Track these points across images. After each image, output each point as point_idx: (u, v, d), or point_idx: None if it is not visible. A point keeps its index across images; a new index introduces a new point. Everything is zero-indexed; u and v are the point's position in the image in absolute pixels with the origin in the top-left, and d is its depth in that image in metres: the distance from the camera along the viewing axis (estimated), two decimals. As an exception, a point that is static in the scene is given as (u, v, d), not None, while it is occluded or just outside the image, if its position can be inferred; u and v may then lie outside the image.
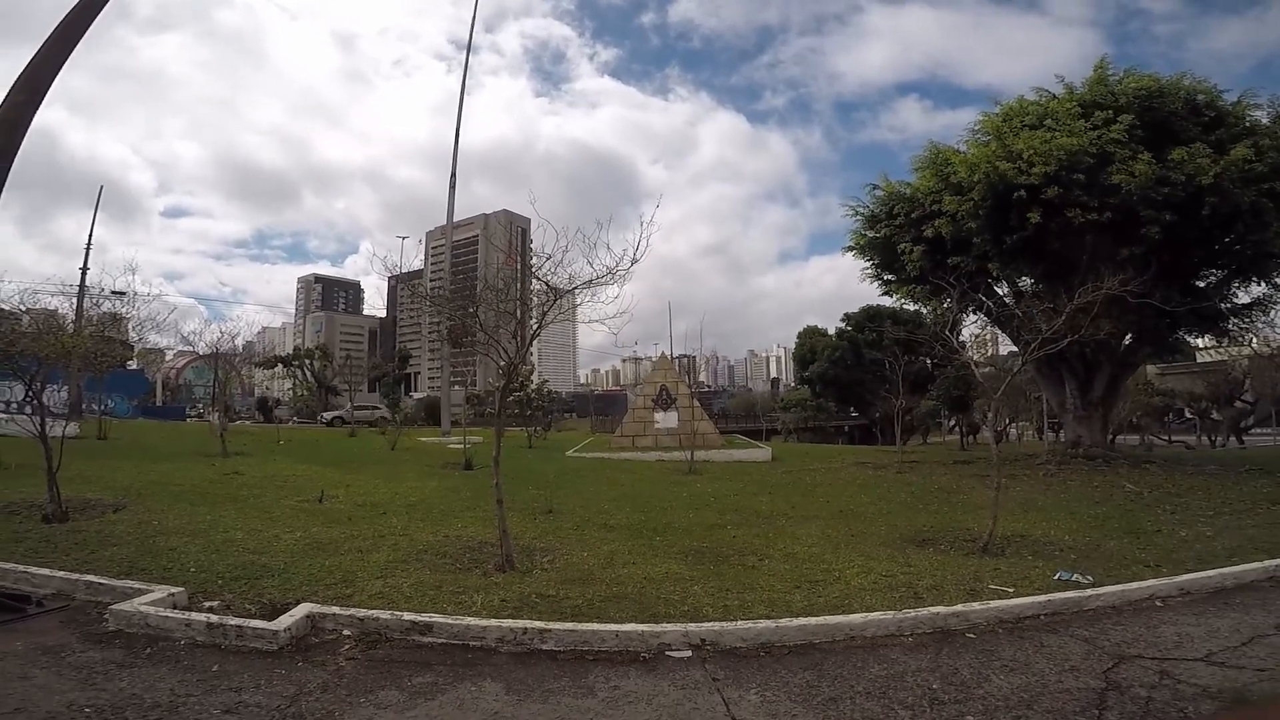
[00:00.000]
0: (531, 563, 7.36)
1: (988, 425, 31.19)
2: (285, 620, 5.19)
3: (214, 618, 5.21)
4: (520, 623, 5.30)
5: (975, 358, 15.67)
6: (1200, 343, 19.97)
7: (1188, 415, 53.22)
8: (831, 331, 48.35)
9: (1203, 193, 13.65)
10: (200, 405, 58.72)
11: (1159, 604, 5.96)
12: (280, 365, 47.25)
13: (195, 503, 10.50)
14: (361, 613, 5.44)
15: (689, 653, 5.03)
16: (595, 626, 5.29)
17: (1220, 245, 15.06)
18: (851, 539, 8.88)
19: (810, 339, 46.75)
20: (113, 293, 27.36)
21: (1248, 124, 15.25)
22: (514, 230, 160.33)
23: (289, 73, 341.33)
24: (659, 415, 22.51)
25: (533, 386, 28.61)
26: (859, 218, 19.46)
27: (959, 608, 5.67)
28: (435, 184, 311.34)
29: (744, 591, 6.34)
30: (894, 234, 18.10)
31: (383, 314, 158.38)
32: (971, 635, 5.34)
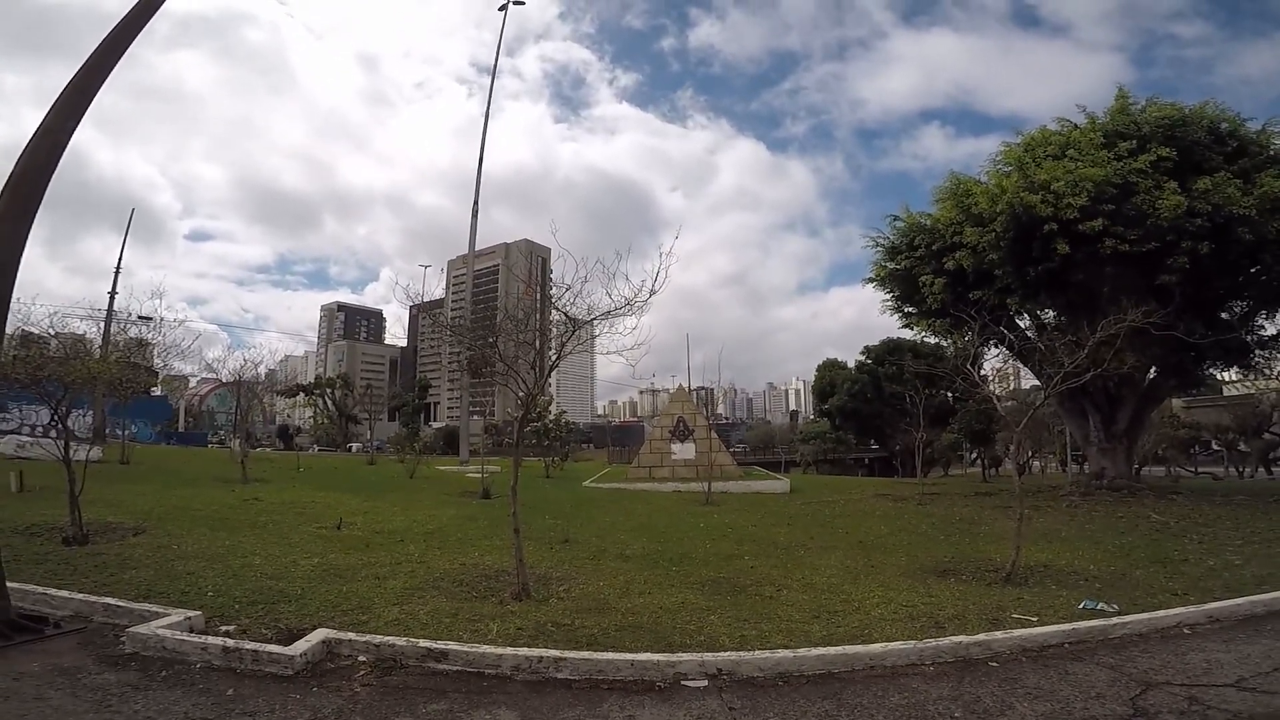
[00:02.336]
0: (548, 591, 7.31)
1: (1010, 458, 30.86)
2: (301, 645, 5.17)
3: (230, 641, 5.20)
4: (536, 651, 5.25)
5: (997, 391, 15.48)
6: (1227, 376, 19.63)
7: (1214, 447, 52.40)
8: (851, 364, 48.23)
9: (1233, 223, 13.56)
10: (222, 432, 59.31)
11: (1187, 631, 5.87)
12: (302, 394, 47.61)
13: (215, 528, 10.55)
14: (377, 639, 5.41)
15: (705, 682, 4.96)
16: (611, 656, 5.23)
17: (1246, 276, 14.88)
18: (871, 569, 8.77)
19: (830, 372, 46.59)
20: (140, 318, 27.74)
21: (1273, 152, 15.15)
22: (534, 260, 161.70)
23: (312, 93, 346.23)
24: (676, 446, 22.43)
25: (550, 417, 28.60)
26: (879, 249, 19.49)
27: (981, 636, 5.58)
28: (456, 210, 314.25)
29: (761, 621, 6.26)
30: (915, 266, 18.05)
31: (404, 343, 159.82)
32: (994, 664, 5.25)
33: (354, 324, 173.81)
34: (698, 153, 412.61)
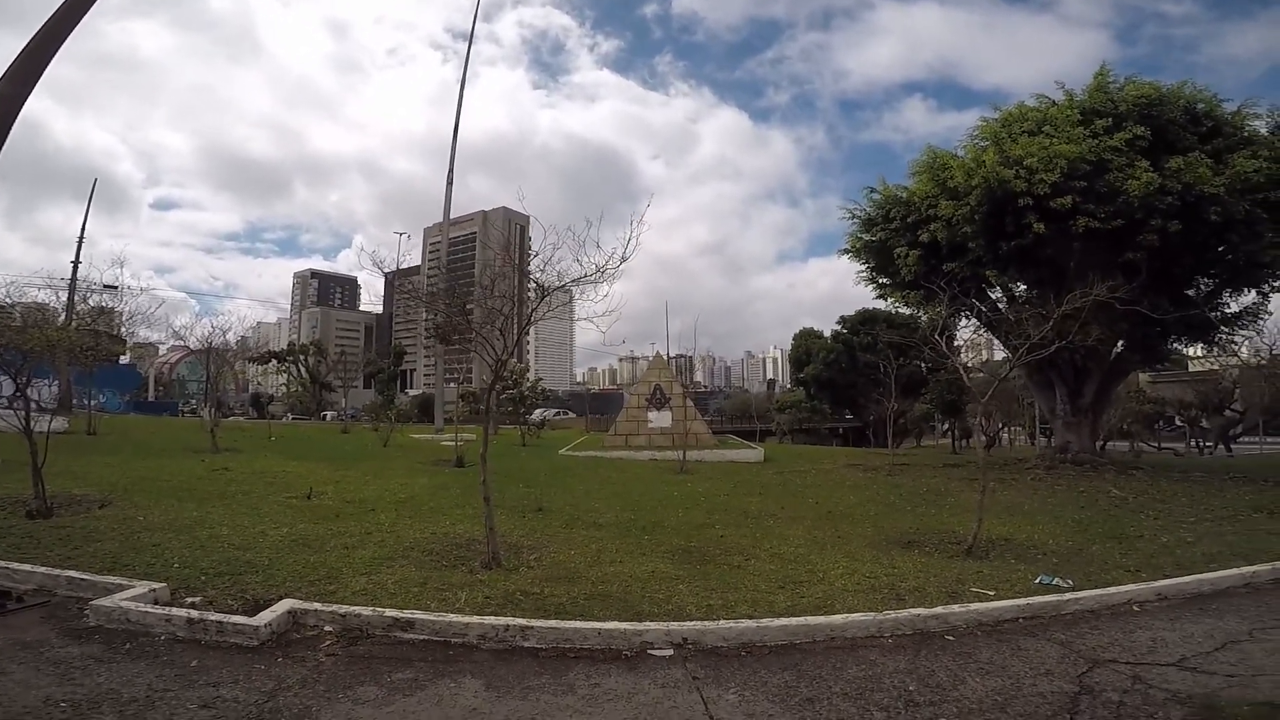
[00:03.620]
0: (518, 560, 7.39)
1: (977, 429, 31.28)
2: (266, 616, 5.23)
3: (194, 613, 5.25)
4: (502, 620, 5.35)
5: (967, 362, 15.65)
6: (1191, 352, 19.95)
7: (1178, 423, 53.46)
8: (827, 334, 48.48)
9: (1203, 202, 13.71)
10: (193, 401, 58.63)
11: (1136, 609, 6.02)
12: (274, 361, 47.07)
13: (182, 499, 10.48)
14: (343, 609, 5.49)
15: (671, 651, 5.10)
16: (578, 624, 5.35)
17: (1213, 254, 15.09)
18: (838, 540, 8.91)
19: (805, 341, 46.73)
20: (105, 286, 27.23)
21: (1246, 134, 15.31)
22: (512, 228, 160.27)
23: (280, 61, 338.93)
24: (652, 415, 22.50)
25: (526, 385, 28.56)
26: (855, 220, 19.52)
27: (939, 610, 5.75)
28: (431, 177, 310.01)
29: (728, 591, 6.39)
30: (890, 238, 18.14)
31: (379, 310, 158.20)
32: (950, 637, 5.40)
33: (328, 291, 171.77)
34: (679, 121, 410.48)
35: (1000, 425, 45.74)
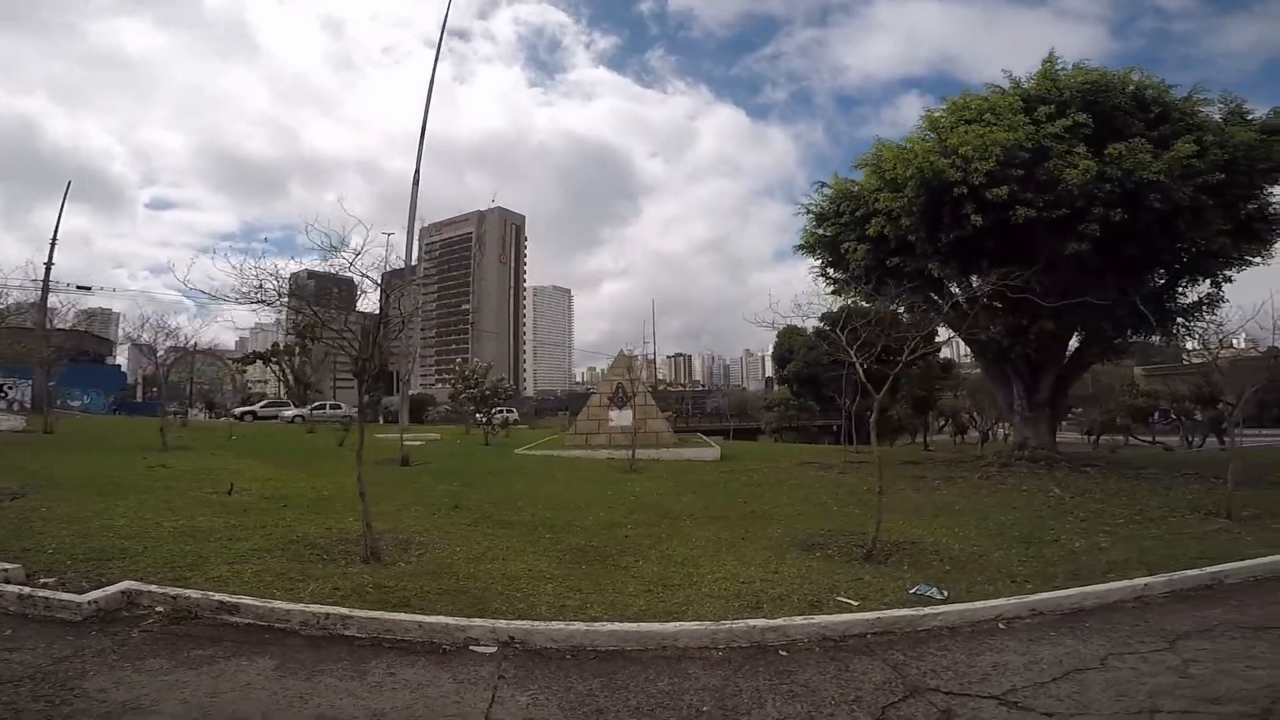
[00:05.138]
0: (400, 556, 7.43)
1: (870, 426, 30.74)
2: (94, 594, 5.50)
3: (25, 589, 5.53)
4: (324, 608, 5.44)
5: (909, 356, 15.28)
6: (1155, 341, 19.27)
7: (1172, 416, 53.12)
8: (810, 330, 47.75)
9: (1143, 189, 13.33)
10: (182, 402, 58.49)
11: (1002, 626, 5.58)
12: (260, 361, 46.94)
13: (103, 493, 10.65)
14: (174, 591, 5.70)
15: (494, 649, 5.05)
16: (400, 616, 5.34)
17: (1160, 243, 14.65)
18: (743, 542, 8.71)
19: (789, 338, 46.05)
20: (78, 288, 27.17)
21: (1197, 120, 14.90)
22: (508, 228, 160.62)
23: (276, 59, 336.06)
24: (613, 413, 22.30)
25: (487, 385, 28.35)
26: (810, 215, 19.24)
27: (779, 622, 5.44)
28: (429, 174, 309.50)
29: (593, 592, 6.27)
30: (840, 232, 17.85)
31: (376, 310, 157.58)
32: (784, 652, 5.12)
33: (325, 292, 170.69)
34: (678, 118, 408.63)
35: (994, 420, 45.54)
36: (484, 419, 27.04)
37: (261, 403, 42.65)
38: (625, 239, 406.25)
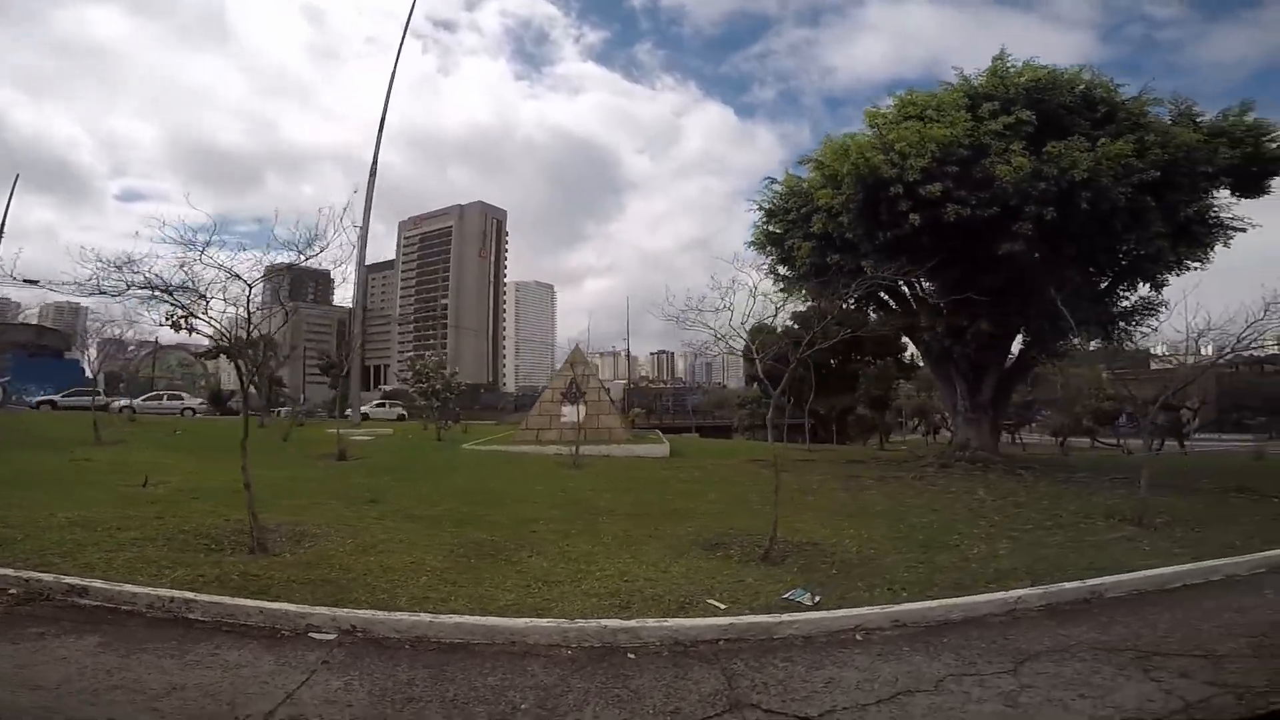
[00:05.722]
0: (288, 547, 7.46)
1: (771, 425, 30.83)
2: None
3: None
4: (170, 592, 5.59)
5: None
6: (1098, 345, 19.14)
7: (1137, 419, 53.36)
8: (779, 329, 47.68)
9: (1076, 187, 13.20)
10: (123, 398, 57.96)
11: (859, 637, 5.34)
12: (223, 355, 46.09)
13: (12, 487, 10.66)
14: (29, 574, 5.89)
15: (334, 636, 5.10)
16: (245, 602, 5.44)
17: (1099, 244, 14.52)
18: (650, 539, 8.58)
19: (758, 336, 45.99)
20: (25, 281, 26.67)
21: (1145, 120, 14.78)
22: (489, 222, 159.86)
23: (254, 49, 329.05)
24: (565, 409, 22.09)
25: (440, 380, 28.04)
26: (760, 212, 19.11)
27: (633, 624, 5.30)
28: (410, 168, 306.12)
29: (467, 586, 6.22)
30: (789, 230, 17.75)
31: (351, 305, 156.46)
32: (632, 655, 4.99)
33: (301, 285, 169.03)
34: (665, 115, 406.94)
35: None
36: (437, 414, 26.75)
37: (142, 396, 41.90)
38: (610, 235, 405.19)
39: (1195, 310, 11.75)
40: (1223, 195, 15.43)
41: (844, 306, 19.72)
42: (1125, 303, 17.03)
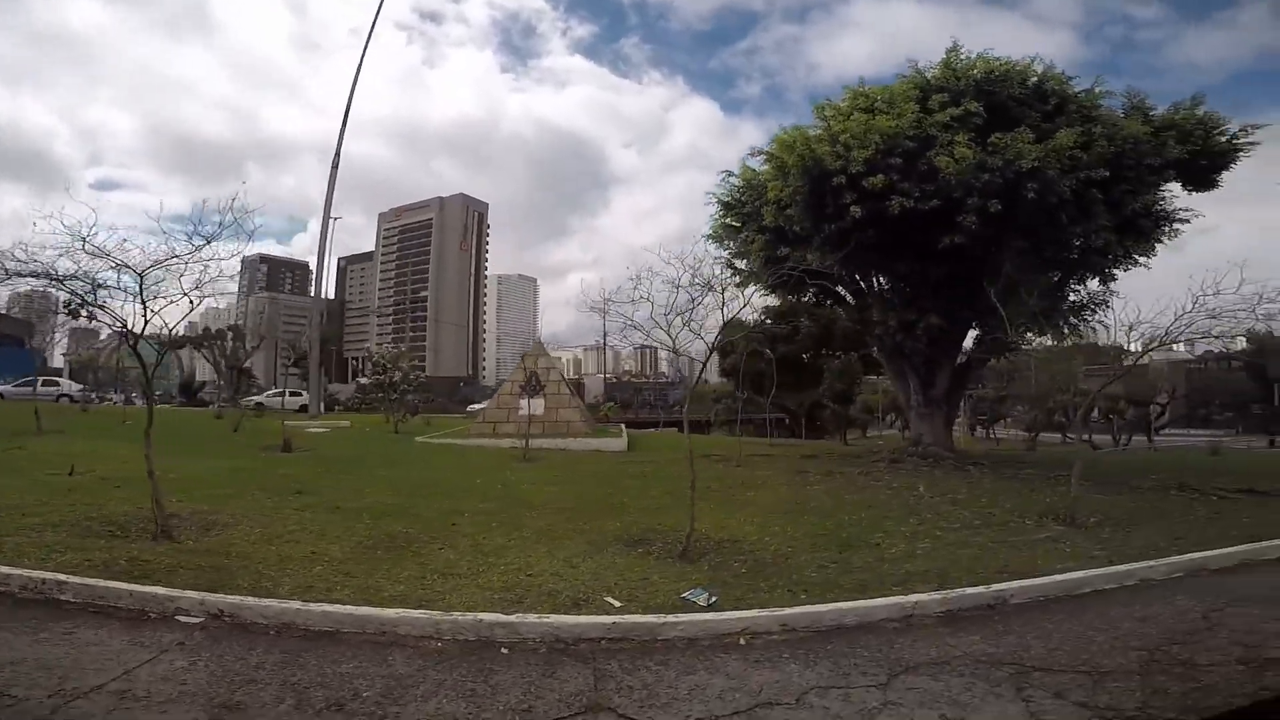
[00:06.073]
0: (194, 535, 7.47)
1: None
2: None
3: None
4: (41, 573, 5.68)
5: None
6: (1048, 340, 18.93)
7: (1109, 416, 53.82)
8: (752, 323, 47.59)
9: (1022, 179, 13.04)
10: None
11: (742, 641, 5.16)
12: (189, 345, 45.65)
13: None
14: None
15: (202, 619, 5.17)
16: (116, 585, 5.51)
17: (1046, 237, 14.38)
18: (573, 534, 8.48)
19: (732, 331, 45.86)
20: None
21: (1096, 113, 14.69)
22: (470, 214, 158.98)
23: (235, 40, 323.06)
24: (524, 402, 21.88)
25: (397, 372, 27.76)
26: (718, 205, 18.95)
27: (512, 619, 5.20)
28: (393, 160, 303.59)
29: (361, 576, 6.22)
30: (744, 223, 17.62)
31: (331, 295, 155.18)
32: (505, 650, 4.91)
33: (278, 276, 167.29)
34: (653, 109, 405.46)
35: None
36: (395, 406, 26.48)
37: (15, 381, 41.34)
38: (595, 229, 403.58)
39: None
40: (1174, 189, 15.45)
41: (795, 301, 19.68)
42: (1075, 297, 17.00)
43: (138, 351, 8.21)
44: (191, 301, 8.24)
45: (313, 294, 46.79)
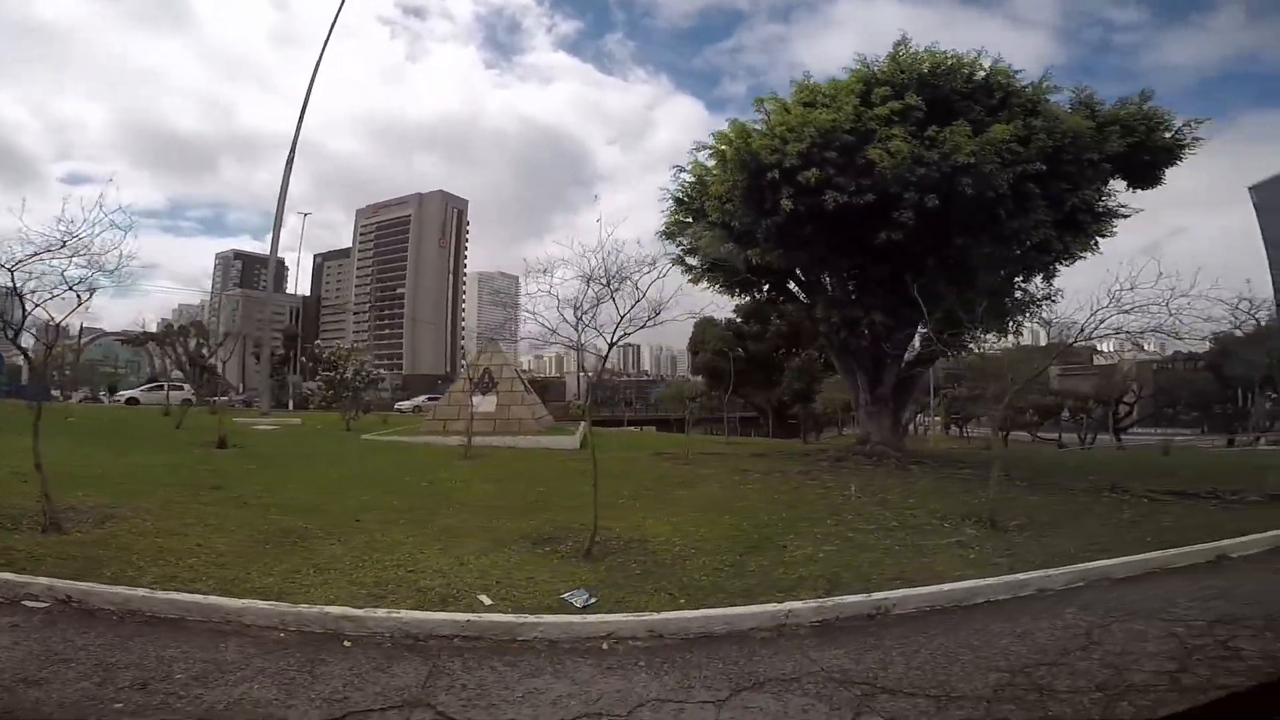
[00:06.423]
0: (85, 528, 7.43)
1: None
2: None
3: None
4: None
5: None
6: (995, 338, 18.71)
7: (1079, 415, 54.39)
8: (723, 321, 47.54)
9: (957, 173, 12.84)
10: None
11: (605, 646, 4.98)
12: (152, 343, 44.97)
13: None
14: None
15: (48, 604, 5.18)
16: None
17: (986, 234, 14.00)
18: (479, 532, 8.35)
19: (703, 328, 45.95)
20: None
21: (1042, 108, 14.52)
22: (450, 211, 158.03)
23: (214, 33, 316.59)
24: (476, 399, 21.60)
25: (349, 368, 27.41)
26: (671, 201, 18.74)
27: (360, 612, 5.11)
28: (373, 156, 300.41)
29: (235, 568, 6.20)
30: (695, 218, 17.43)
31: (306, 293, 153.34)
32: (348, 643, 4.81)
33: (252, 272, 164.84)
34: (637, 107, 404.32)
35: (914, 411, 46.09)
36: (348, 403, 26.15)
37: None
38: (578, 226, 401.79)
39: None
40: (1119, 188, 15.45)
41: (758, 299, 19.48)
42: (1022, 294, 16.91)
43: (22, 348, 8.01)
44: (79, 297, 8.04)
45: (268, 289, 46.19)
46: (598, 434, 30.09)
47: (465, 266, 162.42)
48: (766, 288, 18.90)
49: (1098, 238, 15.45)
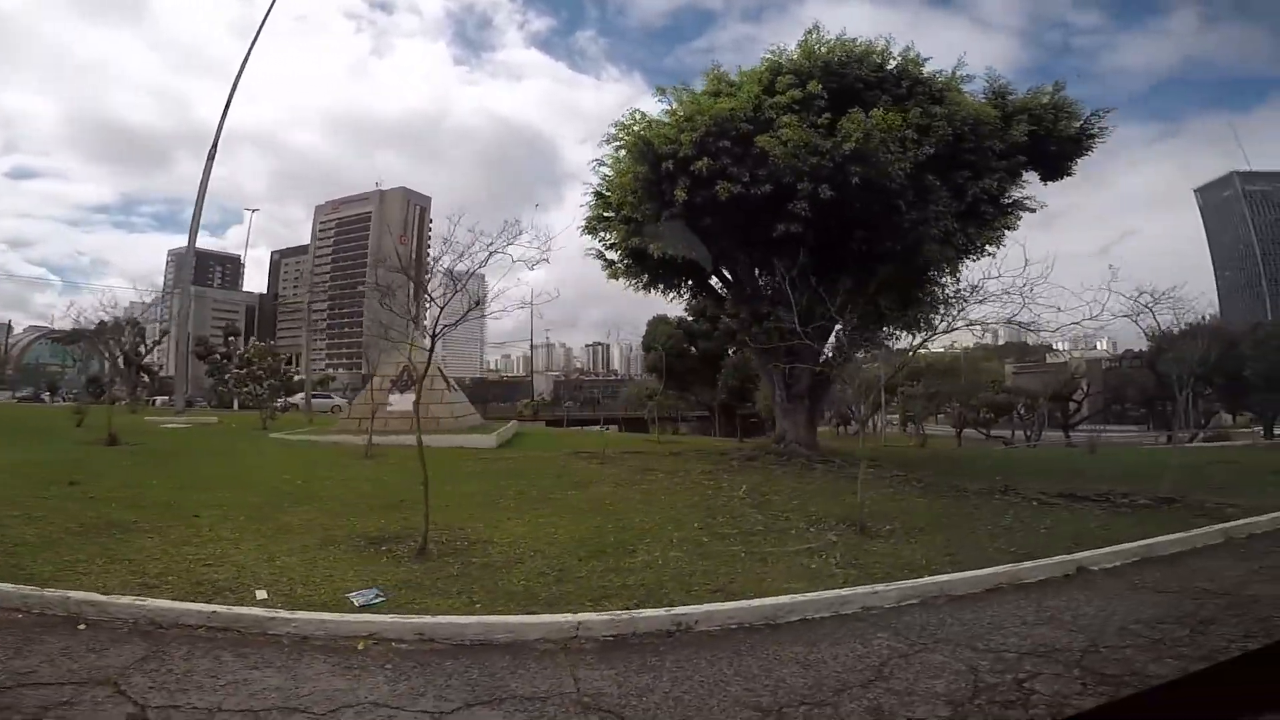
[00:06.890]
0: None
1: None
2: None
3: None
4: None
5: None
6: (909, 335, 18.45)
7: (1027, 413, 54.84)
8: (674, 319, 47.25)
9: (847, 162, 12.55)
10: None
11: (360, 647, 4.78)
12: (85, 341, 43.36)
13: None
14: None
15: None
16: None
17: (885, 224, 13.65)
18: (313, 529, 8.08)
19: (656, 327, 45.68)
20: None
21: (948, 95, 14.31)
22: (411, 208, 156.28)
23: (170, 24, 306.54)
24: (394, 397, 21.08)
25: (260, 367, 26.76)
26: (593, 194, 18.30)
27: (103, 598, 5.17)
28: (333, 152, 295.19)
29: (26, 556, 6.21)
30: (615, 212, 17.04)
31: (263, 290, 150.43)
32: (83, 626, 4.88)
33: (206, 269, 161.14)
34: (610, 106, 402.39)
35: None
36: (262, 402, 25.53)
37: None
38: (548, 226, 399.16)
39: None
40: (1033, 179, 15.37)
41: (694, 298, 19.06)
42: (936, 290, 16.72)
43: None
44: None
45: (186, 282, 45.13)
46: (545, 432, 29.80)
47: (428, 264, 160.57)
48: (690, 284, 18.53)
49: (1004, 230, 15.27)
